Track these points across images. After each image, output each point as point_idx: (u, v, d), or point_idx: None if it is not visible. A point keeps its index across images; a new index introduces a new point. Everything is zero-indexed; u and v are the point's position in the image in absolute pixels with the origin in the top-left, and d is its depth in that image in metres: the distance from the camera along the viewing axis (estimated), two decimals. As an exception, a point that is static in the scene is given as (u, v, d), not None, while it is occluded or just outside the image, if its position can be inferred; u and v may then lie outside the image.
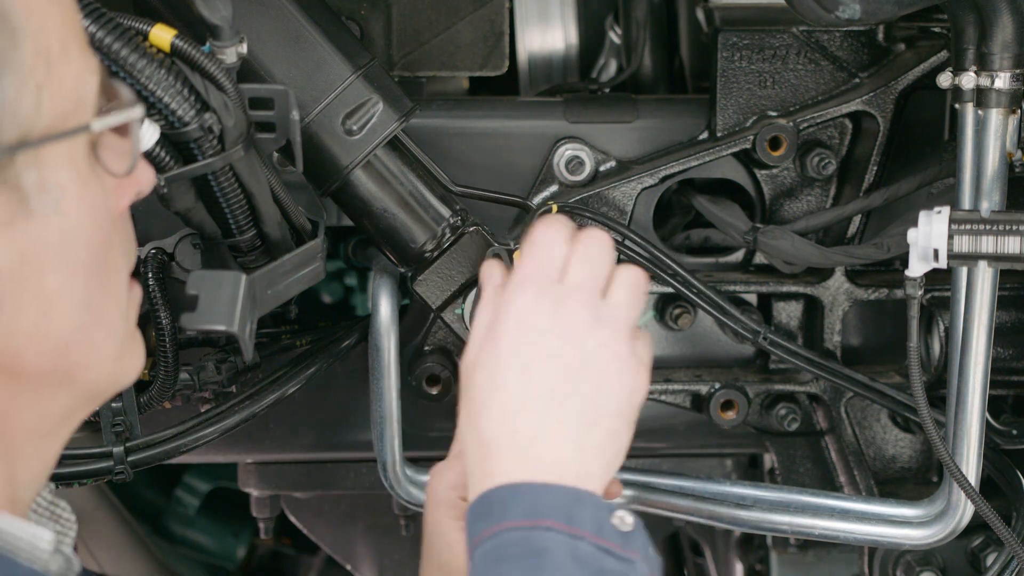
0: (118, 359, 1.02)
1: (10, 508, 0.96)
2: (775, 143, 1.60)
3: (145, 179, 1.04)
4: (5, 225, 0.91)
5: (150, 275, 1.41)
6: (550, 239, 1.24)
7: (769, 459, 1.78)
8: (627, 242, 1.54)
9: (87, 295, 0.97)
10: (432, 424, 1.75)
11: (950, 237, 1.37)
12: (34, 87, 0.92)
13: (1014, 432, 1.64)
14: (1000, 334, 1.56)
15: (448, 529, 1.35)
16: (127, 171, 0.99)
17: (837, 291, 1.68)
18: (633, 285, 1.24)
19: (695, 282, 1.57)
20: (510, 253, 1.51)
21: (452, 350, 1.62)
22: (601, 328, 1.20)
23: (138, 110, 0.99)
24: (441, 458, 1.79)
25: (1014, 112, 1.40)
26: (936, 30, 1.64)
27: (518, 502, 1.11)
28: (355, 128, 1.44)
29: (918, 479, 1.76)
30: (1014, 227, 1.36)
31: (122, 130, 1.00)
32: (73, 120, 0.96)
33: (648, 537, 1.14)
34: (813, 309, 1.70)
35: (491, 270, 1.31)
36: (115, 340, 1.01)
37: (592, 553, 1.08)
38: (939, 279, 1.54)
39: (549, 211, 1.51)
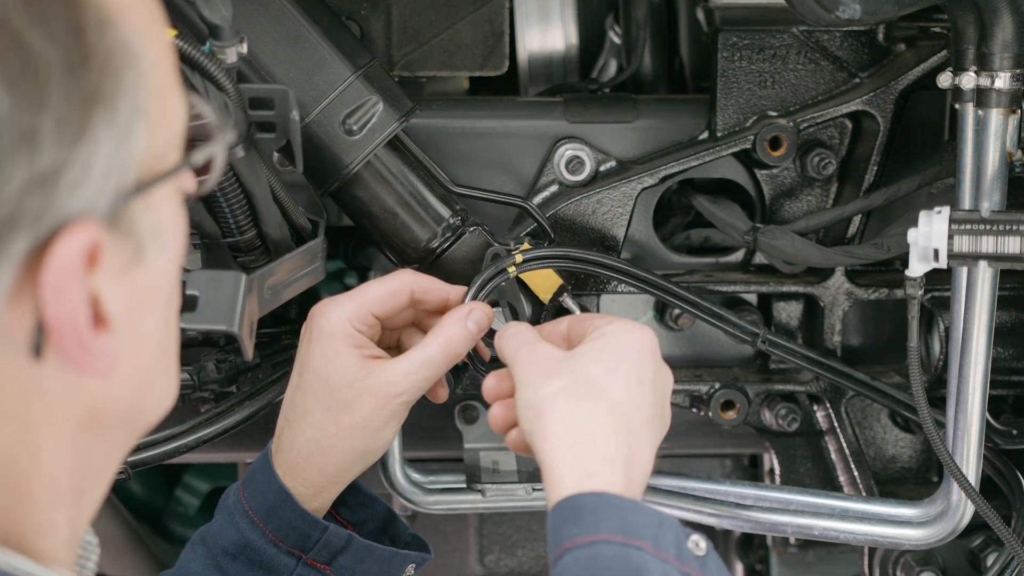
0: (174, 390, 0.96)
1: (68, 550, 0.91)
2: (775, 143, 1.60)
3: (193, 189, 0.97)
4: (121, 275, 0.83)
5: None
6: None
7: (769, 459, 1.78)
8: (616, 264, 1.53)
9: (166, 331, 0.92)
10: (432, 424, 1.75)
11: (950, 237, 1.37)
12: (148, 125, 0.84)
13: (1014, 432, 1.64)
14: (1000, 334, 1.56)
15: (346, 356, 1.35)
16: (206, 190, 0.93)
17: (837, 291, 1.68)
18: None
19: (688, 295, 1.57)
20: (510, 253, 1.51)
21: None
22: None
23: (231, 133, 0.92)
24: (441, 458, 1.80)
25: (1014, 112, 1.40)
26: (936, 30, 1.63)
27: (610, 515, 1.10)
28: (355, 128, 1.44)
29: (918, 479, 1.76)
30: (1014, 227, 1.36)
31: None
32: (174, 152, 0.88)
33: (720, 560, 1.15)
34: (813, 309, 1.70)
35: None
36: (176, 371, 0.95)
37: None
38: (939, 279, 1.54)
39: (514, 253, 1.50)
